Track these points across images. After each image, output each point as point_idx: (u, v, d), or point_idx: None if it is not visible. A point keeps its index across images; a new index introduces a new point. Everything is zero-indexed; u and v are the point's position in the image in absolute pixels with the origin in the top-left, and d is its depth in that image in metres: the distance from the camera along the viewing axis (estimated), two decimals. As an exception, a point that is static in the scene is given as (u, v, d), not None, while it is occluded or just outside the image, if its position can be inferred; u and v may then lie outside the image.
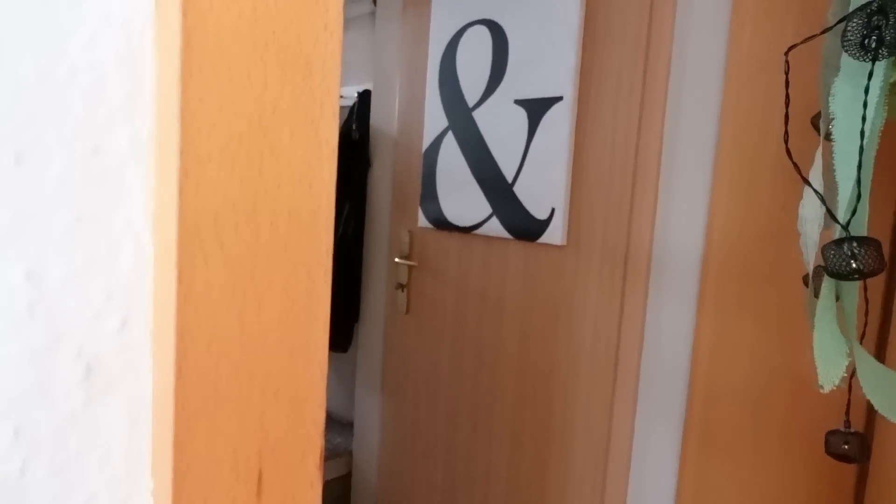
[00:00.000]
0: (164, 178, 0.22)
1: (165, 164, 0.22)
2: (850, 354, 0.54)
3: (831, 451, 0.67)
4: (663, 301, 1.25)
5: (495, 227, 1.55)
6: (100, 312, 0.22)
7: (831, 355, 0.56)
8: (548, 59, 1.43)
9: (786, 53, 0.61)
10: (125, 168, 0.22)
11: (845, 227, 0.50)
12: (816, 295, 0.63)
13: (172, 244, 0.22)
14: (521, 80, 1.49)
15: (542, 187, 1.44)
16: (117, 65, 0.22)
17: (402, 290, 1.81)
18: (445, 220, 1.67)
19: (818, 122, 0.60)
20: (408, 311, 1.81)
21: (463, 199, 1.62)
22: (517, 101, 1.50)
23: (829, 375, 0.56)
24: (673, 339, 1.24)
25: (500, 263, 1.56)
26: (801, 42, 0.60)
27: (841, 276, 0.49)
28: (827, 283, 0.60)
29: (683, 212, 1.22)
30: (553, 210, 1.42)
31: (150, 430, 0.23)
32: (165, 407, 0.22)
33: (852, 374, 0.59)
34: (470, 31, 1.61)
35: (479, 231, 1.59)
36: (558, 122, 1.41)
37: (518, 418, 1.52)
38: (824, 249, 0.49)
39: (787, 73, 0.58)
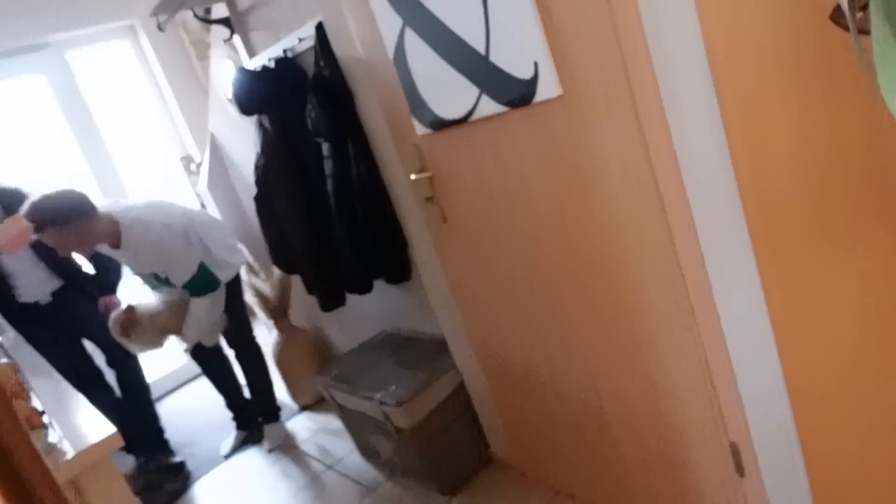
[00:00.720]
0: None
1: None
2: None
3: None
4: (687, 120, 1.14)
5: (490, 106, 1.45)
6: None
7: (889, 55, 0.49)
8: None
9: None
10: None
11: None
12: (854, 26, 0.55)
13: None
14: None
15: (518, 44, 1.33)
16: None
17: (432, 203, 1.77)
18: (440, 118, 1.59)
19: None
20: (445, 220, 1.77)
21: (448, 91, 1.53)
22: (458, -35, 1.36)
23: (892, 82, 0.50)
24: (707, 147, 1.13)
25: (508, 140, 1.47)
26: None
27: None
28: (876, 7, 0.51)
29: (674, 23, 1.08)
30: (536, 64, 1.31)
31: None
32: None
33: None
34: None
35: (476, 116, 1.50)
36: (505, -31, 1.27)
37: (580, 281, 1.48)
38: None
39: None
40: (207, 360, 2.76)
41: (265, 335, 3.01)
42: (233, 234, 2.70)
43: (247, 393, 2.88)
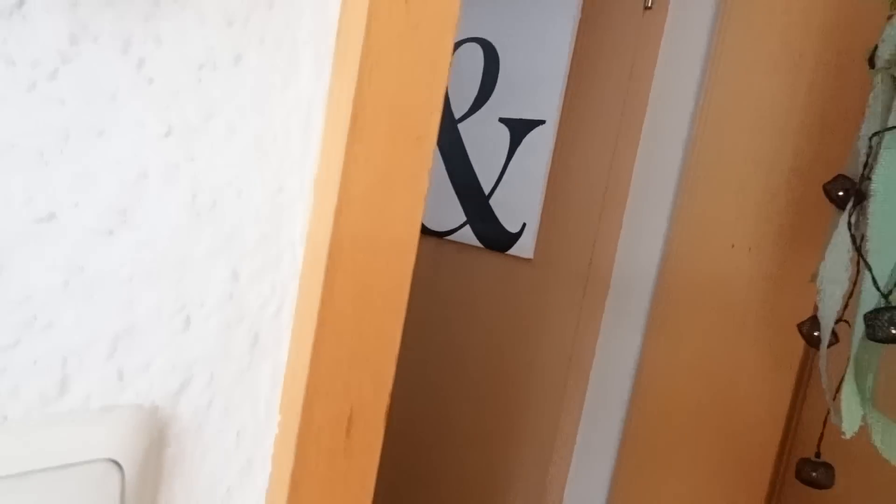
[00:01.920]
0: (321, 211, 0.29)
1: (323, 203, 0.29)
2: (864, 407, 0.65)
3: (802, 477, 0.78)
4: (616, 321, 1.36)
5: (468, 236, 1.63)
6: (266, 301, 0.29)
7: (852, 409, 0.65)
8: (536, 84, 1.52)
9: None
10: (295, 203, 0.29)
11: (886, 296, 0.60)
12: (814, 346, 0.74)
13: (322, 258, 0.29)
14: (508, 100, 1.58)
15: (517, 202, 1.53)
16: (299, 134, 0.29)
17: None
18: (422, 224, 1.74)
19: (835, 190, 0.71)
20: (373, 307, 1.87)
21: (439, 205, 1.70)
22: (502, 120, 1.59)
23: (852, 424, 0.65)
24: (621, 357, 1.34)
25: (469, 271, 1.64)
26: (885, 129, 0.70)
27: (880, 338, 0.58)
28: (857, 346, 0.67)
29: (644, 239, 1.33)
30: (524, 224, 1.51)
31: (282, 389, 0.30)
32: (299, 372, 0.30)
33: (828, 412, 0.70)
34: (464, 47, 1.69)
35: (453, 237, 1.66)
36: (539, 144, 1.50)
37: (478, 419, 1.60)
38: (867, 316, 0.59)
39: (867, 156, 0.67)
40: None
41: None
42: None
43: None
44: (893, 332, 0.56)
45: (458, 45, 1.70)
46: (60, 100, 0.22)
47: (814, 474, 0.77)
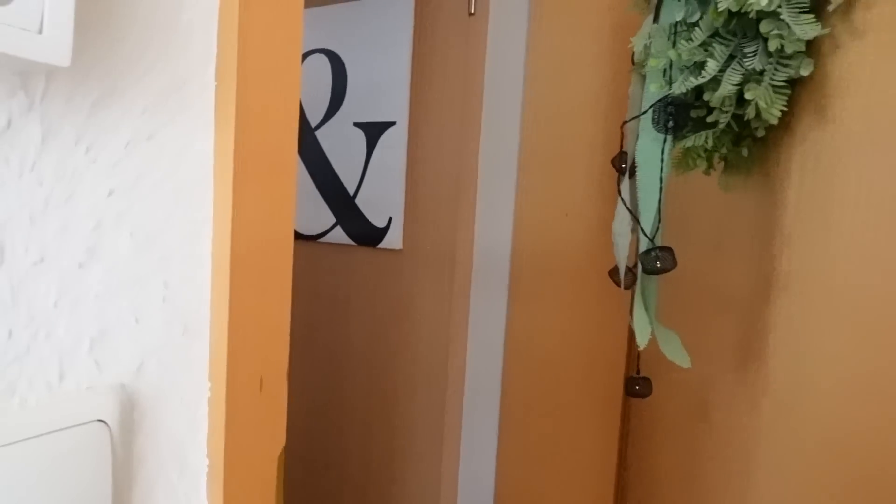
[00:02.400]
0: (222, 231, 0.42)
1: (222, 225, 0.42)
2: (651, 324, 0.85)
3: (629, 391, 0.98)
4: (483, 297, 1.54)
5: (339, 235, 1.75)
6: (190, 301, 0.41)
7: (642, 325, 0.86)
8: (383, 88, 1.66)
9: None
10: (203, 227, 0.42)
11: (651, 240, 0.79)
12: (625, 287, 0.94)
13: (226, 265, 0.42)
14: (360, 105, 1.71)
15: (381, 199, 1.67)
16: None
17: (252, 295, 1.94)
18: (294, 230, 1.83)
19: (618, 163, 0.91)
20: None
21: (308, 210, 1.80)
22: (356, 124, 1.72)
23: (643, 338, 0.86)
24: (491, 328, 1.53)
25: (345, 268, 1.76)
26: (635, 116, 0.90)
27: (651, 272, 0.78)
28: (640, 278, 0.87)
29: (497, 219, 1.52)
30: (391, 219, 1.66)
31: (209, 362, 0.43)
32: (221, 350, 0.42)
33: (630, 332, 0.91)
34: (310, 58, 1.80)
35: (325, 239, 1.78)
36: (393, 143, 1.65)
37: (366, 410, 1.73)
38: (640, 256, 0.78)
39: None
40: None
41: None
42: None
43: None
44: (658, 265, 0.77)
45: (304, 56, 1.81)
46: (39, 181, 0.33)
47: (636, 388, 0.98)
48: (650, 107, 0.80)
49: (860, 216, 0.88)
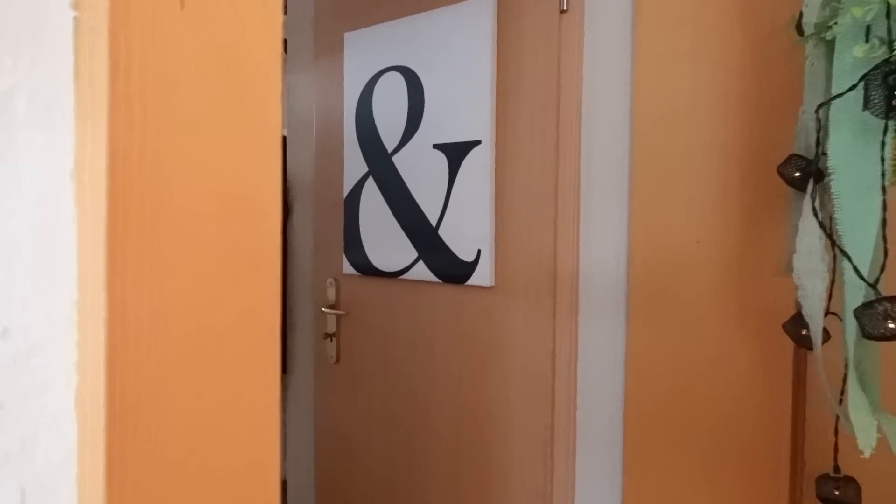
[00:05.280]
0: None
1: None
2: (874, 415, 0.56)
3: (823, 496, 0.70)
4: (593, 327, 1.29)
5: (422, 272, 1.55)
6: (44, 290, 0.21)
7: (863, 419, 0.58)
8: (464, 106, 1.46)
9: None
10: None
11: (873, 285, 0.52)
12: (805, 345, 0.65)
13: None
14: (439, 126, 1.51)
15: (467, 229, 1.46)
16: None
17: (332, 340, 1.77)
18: (371, 266, 1.66)
19: (789, 172, 0.64)
20: (338, 361, 1.77)
21: (388, 245, 1.62)
22: (436, 146, 1.52)
23: (868, 440, 0.58)
24: (606, 361, 1.27)
25: (428, 308, 1.56)
26: (830, 99, 0.64)
27: (877, 336, 0.50)
28: (854, 345, 0.59)
29: (605, 242, 1.27)
30: (479, 252, 1.44)
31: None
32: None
33: (837, 418, 0.62)
34: (385, 76, 1.63)
35: (407, 276, 1.58)
36: (478, 165, 1.44)
37: (455, 466, 1.51)
38: (859, 311, 0.50)
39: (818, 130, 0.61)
40: None
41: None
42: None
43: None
44: (891, 326, 0.50)
45: (377, 75, 1.64)
46: None
47: (836, 492, 0.70)
48: (859, 81, 0.54)
49: None
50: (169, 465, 0.22)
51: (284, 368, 1.99)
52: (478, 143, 1.44)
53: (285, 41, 1.97)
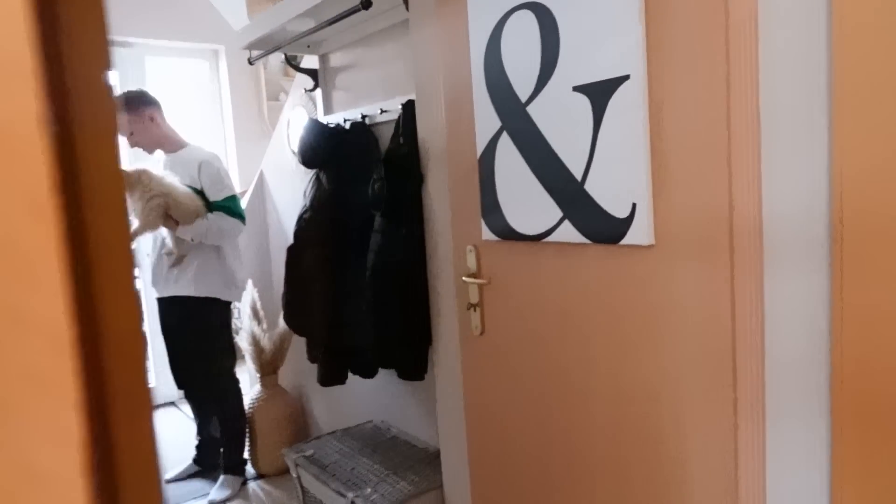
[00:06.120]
0: None
1: None
2: None
3: None
4: (786, 283, 1.05)
5: (568, 233, 1.37)
6: None
7: None
8: (607, 38, 1.25)
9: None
10: None
11: None
12: None
13: None
14: (579, 64, 1.31)
15: (619, 181, 1.26)
16: None
17: (475, 310, 1.66)
18: (512, 229, 1.51)
19: None
20: (483, 332, 1.66)
21: (528, 205, 1.46)
22: (576, 88, 1.32)
23: None
24: (804, 323, 1.03)
25: (577, 273, 1.38)
26: None
27: None
28: None
29: (797, 179, 1.02)
30: (634, 206, 1.24)
31: None
32: None
33: None
34: (512, 18, 1.45)
35: (551, 238, 1.42)
36: (628, 105, 1.23)
37: (620, 444, 1.34)
38: None
39: None
40: (207, 378, 2.59)
41: (246, 386, 2.84)
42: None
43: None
44: None
45: (504, 17, 1.46)
46: None
47: None
48: None
49: None
50: None
51: (429, 339, 1.93)
52: (626, 78, 1.22)
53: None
